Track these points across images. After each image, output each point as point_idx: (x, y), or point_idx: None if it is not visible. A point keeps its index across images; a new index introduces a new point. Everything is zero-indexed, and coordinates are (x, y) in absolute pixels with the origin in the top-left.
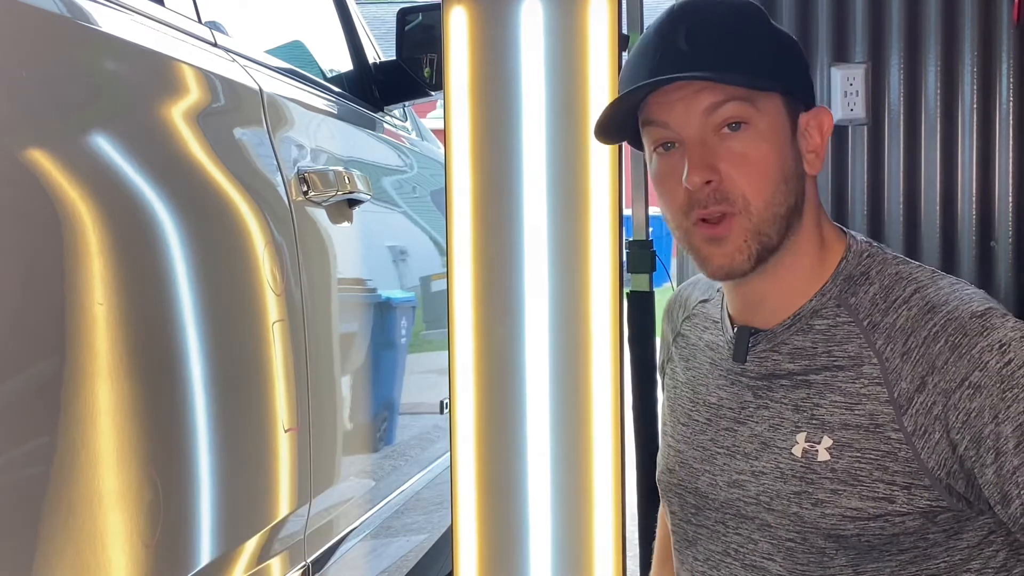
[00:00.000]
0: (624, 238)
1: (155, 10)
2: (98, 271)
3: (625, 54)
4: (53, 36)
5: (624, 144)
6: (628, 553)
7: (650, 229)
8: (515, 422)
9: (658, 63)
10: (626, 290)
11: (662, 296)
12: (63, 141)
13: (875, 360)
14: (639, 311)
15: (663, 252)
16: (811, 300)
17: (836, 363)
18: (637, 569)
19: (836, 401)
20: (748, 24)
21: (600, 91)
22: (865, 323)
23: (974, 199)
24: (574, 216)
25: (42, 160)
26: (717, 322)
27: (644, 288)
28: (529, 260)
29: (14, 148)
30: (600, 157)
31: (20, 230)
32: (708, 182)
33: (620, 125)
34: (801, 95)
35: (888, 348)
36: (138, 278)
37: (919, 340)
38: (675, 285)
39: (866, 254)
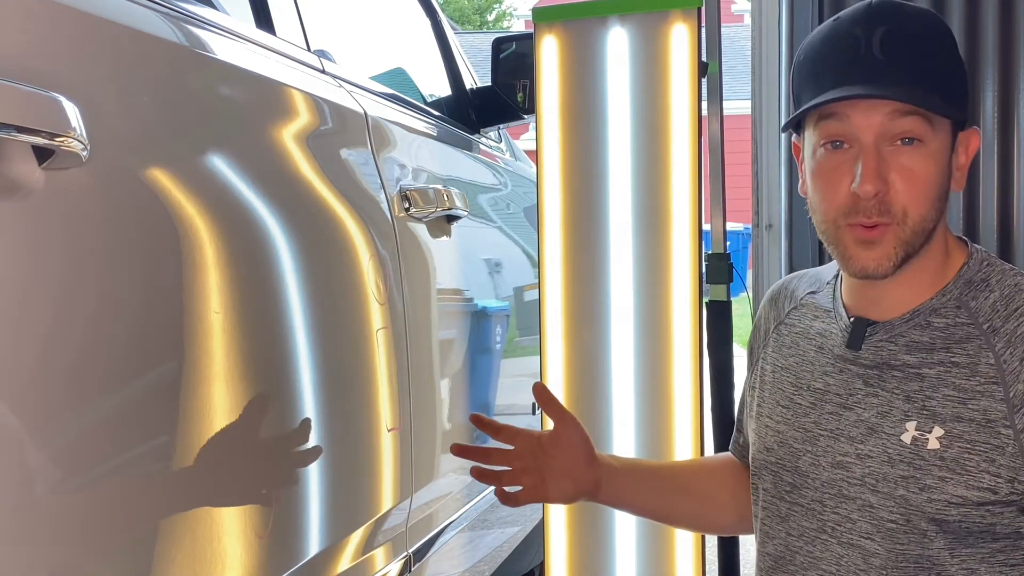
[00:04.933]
0: (703, 251)
1: (268, 40)
2: (215, 282)
3: (704, 80)
4: (176, 64)
5: (703, 162)
6: (707, 543)
7: (727, 243)
8: (602, 422)
9: (851, 66)
10: (705, 300)
11: (738, 305)
12: (185, 162)
13: (992, 361)
14: (717, 319)
15: (739, 264)
16: (932, 299)
17: (952, 359)
18: (715, 559)
19: (949, 395)
20: (942, 43)
21: (680, 114)
22: (985, 327)
23: None
24: (657, 230)
25: (164, 180)
26: (828, 311)
27: (722, 298)
28: (615, 271)
29: (139, 169)
30: (681, 175)
31: (144, 244)
32: (877, 192)
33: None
34: (965, 116)
35: (1008, 352)
36: (251, 288)
37: None
38: (751, 295)
39: (986, 262)
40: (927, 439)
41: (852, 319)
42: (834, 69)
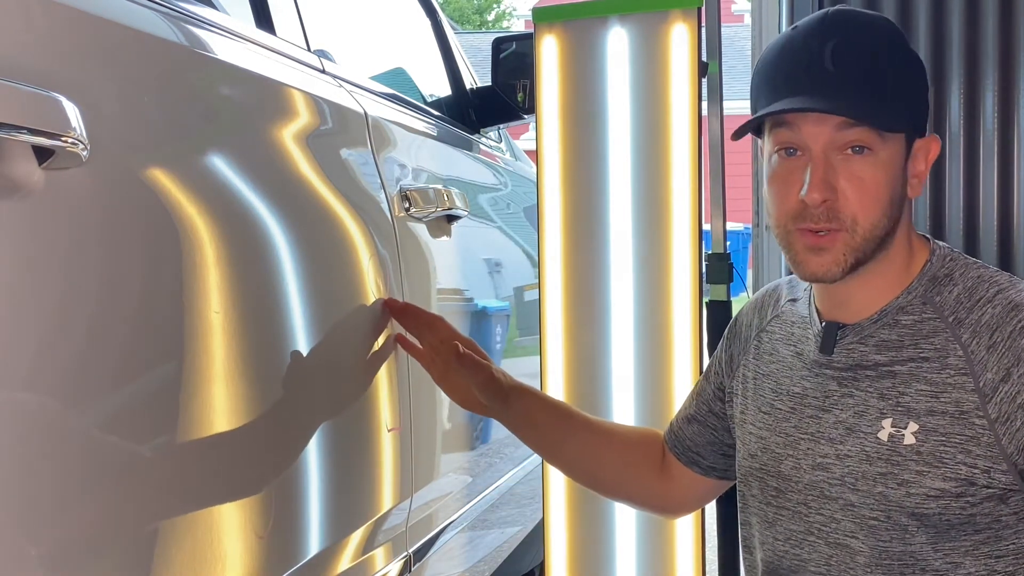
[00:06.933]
0: (703, 251)
1: (268, 40)
2: (215, 281)
3: (704, 80)
4: (176, 64)
5: (703, 163)
6: (707, 544)
7: (727, 243)
8: None
9: (802, 77)
10: (705, 300)
11: (739, 305)
12: (185, 162)
13: (960, 352)
14: (717, 319)
15: (740, 264)
16: (898, 297)
17: (922, 355)
18: (715, 559)
19: (921, 390)
20: (895, 54)
21: (680, 114)
22: (950, 319)
23: None
24: (657, 230)
25: (164, 180)
26: (805, 318)
27: (722, 298)
28: (615, 271)
29: (139, 169)
30: (681, 175)
31: (144, 244)
32: (825, 200)
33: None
34: (922, 124)
35: (974, 342)
36: (252, 288)
37: (1004, 335)
38: (751, 295)
39: (949, 258)
40: (903, 435)
41: (823, 324)
42: (787, 78)
